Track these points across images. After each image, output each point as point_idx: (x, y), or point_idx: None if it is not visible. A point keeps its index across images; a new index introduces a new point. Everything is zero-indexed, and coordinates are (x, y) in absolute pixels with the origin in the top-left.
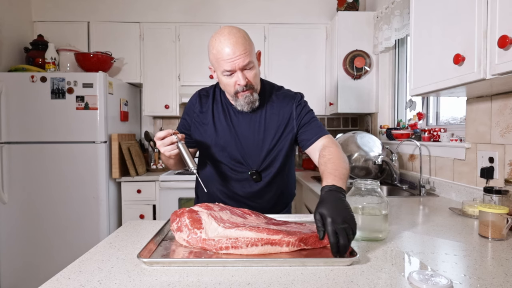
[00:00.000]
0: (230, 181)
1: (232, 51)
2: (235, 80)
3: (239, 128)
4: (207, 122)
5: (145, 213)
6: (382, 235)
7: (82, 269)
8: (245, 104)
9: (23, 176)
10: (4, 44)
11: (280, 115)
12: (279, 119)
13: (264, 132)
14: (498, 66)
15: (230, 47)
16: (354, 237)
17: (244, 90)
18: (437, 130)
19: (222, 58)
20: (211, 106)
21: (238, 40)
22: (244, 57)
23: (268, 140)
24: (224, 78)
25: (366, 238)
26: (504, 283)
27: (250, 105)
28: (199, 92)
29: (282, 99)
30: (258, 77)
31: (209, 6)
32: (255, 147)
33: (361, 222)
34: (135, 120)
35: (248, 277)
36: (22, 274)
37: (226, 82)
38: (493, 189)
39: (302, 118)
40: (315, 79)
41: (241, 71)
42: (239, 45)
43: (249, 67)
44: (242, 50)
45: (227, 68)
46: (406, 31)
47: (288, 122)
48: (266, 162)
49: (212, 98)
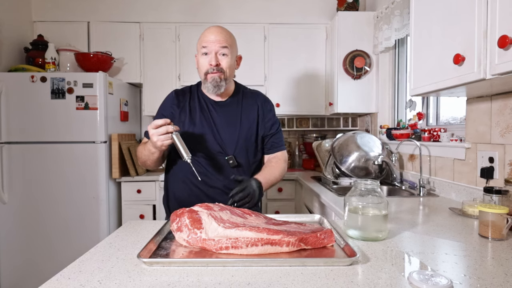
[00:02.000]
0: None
1: (214, 35)
2: (208, 60)
3: (216, 119)
4: (184, 116)
5: (145, 213)
6: (382, 235)
7: (82, 269)
8: (211, 86)
9: (23, 176)
10: (4, 44)
11: (253, 108)
12: (254, 111)
13: (241, 122)
14: (498, 66)
15: (214, 34)
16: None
17: (213, 72)
18: (437, 130)
19: (203, 40)
20: (188, 101)
21: (222, 31)
22: (222, 44)
23: (245, 129)
24: (201, 58)
25: (366, 238)
26: (504, 283)
27: (216, 88)
28: (175, 91)
29: (256, 95)
30: (231, 68)
31: (209, 6)
32: (232, 135)
33: (360, 222)
34: (135, 120)
35: (248, 277)
36: (22, 274)
37: (201, 62)
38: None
39: (271, 125)
40: (315, 79)
41: (215, 54)
42: (221, 34)
43: (223, 53)
44: (222, 38)
45: (205, 45)
46: (406, 31)
47: (261, 119)
48: (243, 150)
49: (188, 94)
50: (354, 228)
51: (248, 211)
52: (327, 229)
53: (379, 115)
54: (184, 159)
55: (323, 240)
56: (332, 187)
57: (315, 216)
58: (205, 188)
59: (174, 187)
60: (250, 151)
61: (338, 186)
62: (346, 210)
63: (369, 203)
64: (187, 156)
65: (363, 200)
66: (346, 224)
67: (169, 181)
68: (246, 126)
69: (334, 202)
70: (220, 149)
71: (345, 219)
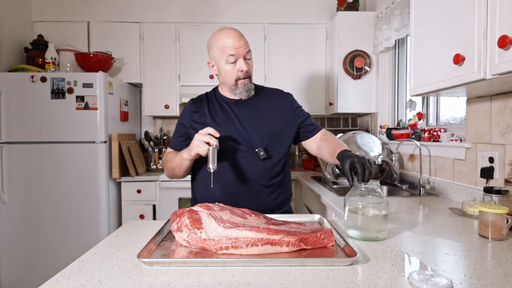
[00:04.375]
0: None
1: (237, 40)
2: (238, 67)
3: (240, 116)
4: (205, 119)
5: (145, 213)
6: (382, 235)
7: (82, 269)
8: (243, 91)
9: (23, 176)
10: (4, 44)
11: (276, 104)
12: (280, 108)
13: (264, 116)
14: (498, 66)
15: (235, 38)
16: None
17: (244, 78)
18: (437, 130)
19: (227, 46)
20: (206, 105)
21: (240, 34)
22: (246, 47)
23: (270, 122)
24: (227, 66)
25: (366, 238)
26: (504, 283)
27: (248, 92)
28: (192, 99)
29: (273, 92)
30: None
31: (209, 6)
32: (258, 129)
33: (361, 222)
34: (135, 120)
35: (248, 277)
36: (22, 274)
37: (229, 70)
38: (493, 189)
39: (298, 113)
40: (315, 79)
41: (243, 59)
42: (242, 37)
43: (249, 57)
44: (244, 41)
45: (232, 53)
46: (406, 31)
47: (286, 112)
48: (271, 143)
49: (205, 99)
50: (354, 228)
51: (248, 211)
52: (327, 229)
53: (379, 115)
54: (209, 168)
55: (323, 240)
56: (332, 187)
57: (315, 216)
58: (237, 186)
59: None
60: (280, 144)
61: (338, 186)
62: (346, 210)
63: (369, 203)
64: (213, 166)
65: (363, 200)
66: (346, 224)
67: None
68: (271, 120)
69: (334, 202)
70: (247, 144)
71: (345, 219)
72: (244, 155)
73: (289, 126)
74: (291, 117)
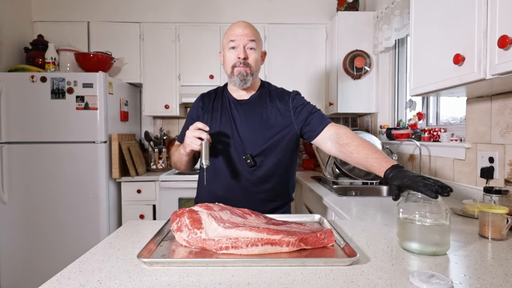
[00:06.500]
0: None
1: (242, 30)
2: (237, 54)
3: (236, 117)
4: (208, 116)
5: (145, 213)
6: (444, 248)
7: (82, 269)
8: (237, 79)
9: (23, 176)
10: (4, 44)
11: (280, 110)
12: (278, 113)
13: (263, 123)
14: (498, 66)
15: (241, 27)
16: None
17: (240, 65)
18: (437, 130)
19: (231, 34)
20: (212, 101)
21: (249, 25)
22: (250, 37)
23: (267, 127)
24: (228, 53)
25: (423, 252)
26: (504, 283)
27: (243, 82)
28: (201, 94)
29: (281, 94)
30: (257, 63)
31: (209, 6)
32: (251, 133)
33: (418, 233)
34: (135, 120)
35: (248, 277)
36: (22, 274)
37: (228, 56)
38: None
39: (299, 112)
40: (315, 79)
41: (243, 47)
42: (249, 28)
43: (251, 47)
44: (250, 32)
45: (233, 39)
46: (406, 31)
47: (286, 116)
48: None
49: (214, 94)
50: (410, 240)
51: (248, 211)
52: (327, 229)
53: (379, 115)
54: (201, 164)
55: (323, 240)
56: (332, 187)
57: (315, 216)
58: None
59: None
60: (274, 151)
61: (338, 186)
62: (399, 219)
63: (427, 212)
64: (205, 162)
65: (420, 208)
66: (400, 235)
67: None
68: (267, 125)
69: (334, 202)
70: (240, 148)
71: (398, 230)
72: (236, 159)
73: (288, 130)
74: (292, 119)
